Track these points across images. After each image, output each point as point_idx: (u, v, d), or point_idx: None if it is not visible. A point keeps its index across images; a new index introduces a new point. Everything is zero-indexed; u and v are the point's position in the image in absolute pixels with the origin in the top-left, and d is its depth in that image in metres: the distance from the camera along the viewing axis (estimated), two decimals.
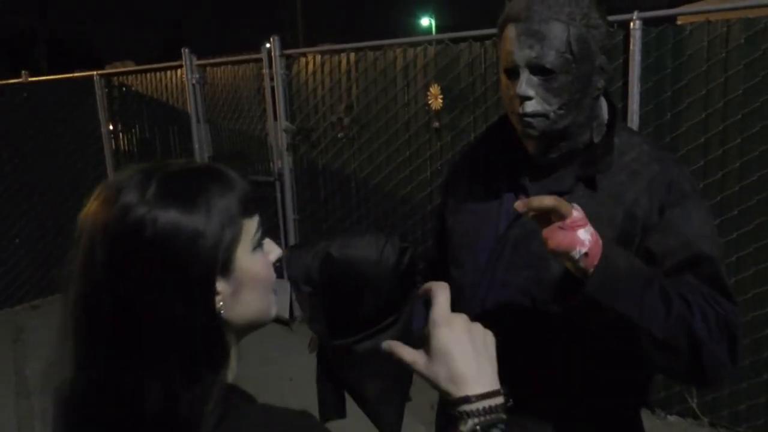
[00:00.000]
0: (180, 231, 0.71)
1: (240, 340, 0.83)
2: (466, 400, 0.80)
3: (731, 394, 3.15)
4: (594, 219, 1.18)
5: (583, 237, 1.03)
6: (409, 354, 0.84)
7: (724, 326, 1.11)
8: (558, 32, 1.17)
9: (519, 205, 1.04)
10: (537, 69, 1.19)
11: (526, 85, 1.20)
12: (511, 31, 1.21)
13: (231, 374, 0.80)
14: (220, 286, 0.75)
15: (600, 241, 1.05)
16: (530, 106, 1.21)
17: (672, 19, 3.58)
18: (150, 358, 0.71)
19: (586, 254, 1.03)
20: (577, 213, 1.04)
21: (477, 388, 0.81)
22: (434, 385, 0.83)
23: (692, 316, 1.09)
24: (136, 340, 0.71)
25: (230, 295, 0.76)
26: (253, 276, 0.79)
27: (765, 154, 2.91)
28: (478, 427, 0.78)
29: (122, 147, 6.18)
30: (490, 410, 0.80)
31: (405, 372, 1.46)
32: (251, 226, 0.80)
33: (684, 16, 3.68)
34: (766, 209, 2.95)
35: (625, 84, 3.16)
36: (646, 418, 1.61)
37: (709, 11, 3.18)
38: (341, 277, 1.32)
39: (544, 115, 1.21)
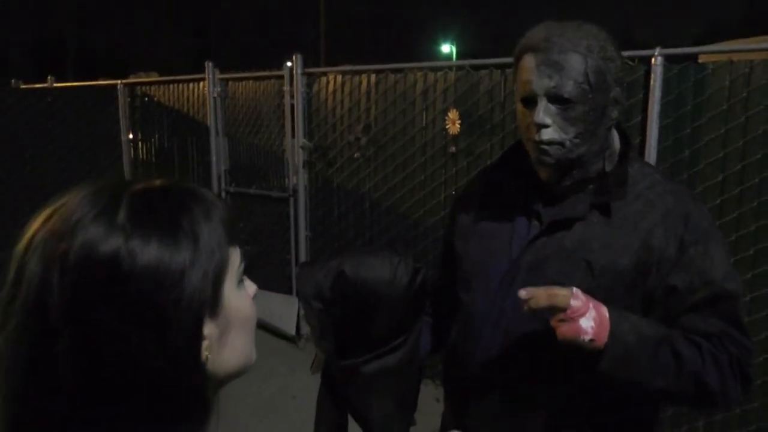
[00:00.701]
0: (164, 267, 0.59)
1: (216, 394, 0.69)
2: None
3: (741, 415, 3.09)
4: (609, 245, 1.23)
5: (585, 325, 1.12)
6: None
7: (737, 367, 1.19)
8: (576, 63, 1.20)
9: (522, 293, 1.14)
10: (555, 98, 1.21)
11: (544, 113, 1.22)
12: (529, 60, 1.23)
13: None
14: (208, 329, 0.63)
15: (605, 319, 1.14)
16: (547, 134, 1.23)
17: (694, 57, 3.59)
18: (117, 426, 0.58)
19: (591, 340, 1.13)
20: (575, 302, 1.12)
21: None
22: None
23: (703, 366, 1.18)
24: (101, 406, 0.57)
25: (217, 339, 0.64)
26: (242, 315, 0.68)
27: None
28: None
29: (141, 156, 6.25)
30: None
31: (411, 395, 1.45)
32: (236, 256, 0.68)
33: (706, 54, 3.68)
34: None
35: (644, 119, 3.16)
36: None
37: (732, 51, 3.18)
38: (353, 295, 1.32)
39: (560, 143, 1.23)
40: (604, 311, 1.15)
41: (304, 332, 4.94)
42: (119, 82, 6.13)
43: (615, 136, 1.34)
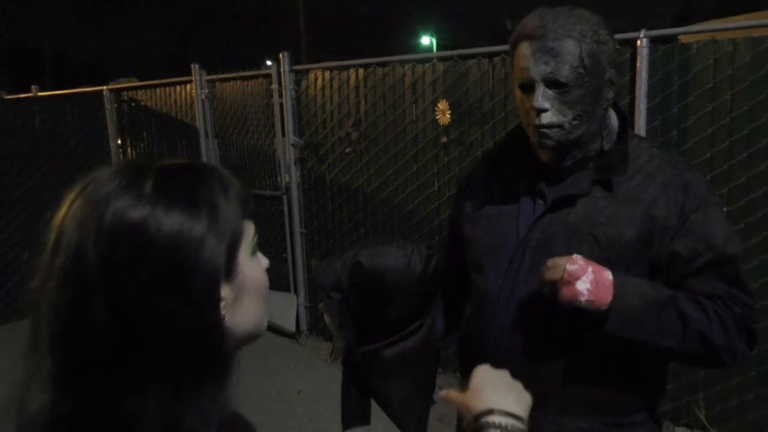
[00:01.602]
0: (186, 234, 0.65)
1: (235, 355, 0.74)
2: (490, 411, 0.87)
3: (740, 405, 3.18)
4: (613, 218, 1.28)
5: (581, 288, 1.19)
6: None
7: (741, 324, 1.25)
8: (571, 48, 1.25)
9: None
10: (552, 83, 1.26)
11: (542, 98, 1.27)
12: (525, 48, 1.28)
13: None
14: (224, 291, 0.69)
15: (607, 281, 1.20)
16: (546, 118, 1.27)
17: (676, 38, 3.65)
18: (148, 373, 0.63)
19: (589, 301, 1.19)
20: (571, 266, 1.19)
21: (502, 406, 0.88)
22: (467, 413, 0.90)
23: (710, 325, 1.23)
24: (133, 353, 0.63)
25: (232, 301, 0.71)
26: (254, 282, 0.75)
27: None
28: None
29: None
30: (512, 428, 0.86)
31: (429, 376, 1.50)
32: (250, 229, 0.75)
33: (687, 35, 3.74)
34: None
35: (632, 100, 3.21)
36: None
37: (714, 30, 3.24)
38: (370, 284, 1.36)
39: (559, 126, 1.28)
40: (607, 274, 1.21)
41: (304, 328, 4.97)
42: (105, 87, 6.11)
43: (612, 115, 1.39)
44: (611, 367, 1.30)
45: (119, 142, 6.18)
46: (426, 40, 30.54)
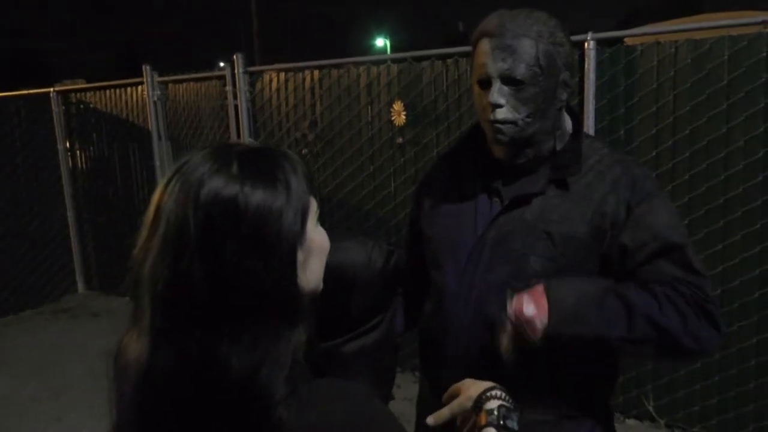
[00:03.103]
0: (268, 207, 0.76)
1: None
2: (493, 387, 1.04)
3: (685, 396, 3.30)
4: (567, 216, 1.32)
5: (530, 313, 1.24)
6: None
7: (695, 305, 1.25)
8: (528, 47, 1.29)
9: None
10: (508, 80, 1.30)
11: (498, 94, 1.31)
12: (485, 45, 1.32)
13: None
14: (298, 255, 0.80)
15: (538, 290, 1.25)
16: (501, 114, 1.32)
17: (621, 40, 3.77)
18: (238, 326, 0.74)
19: (540, 317, 1.24)
20: (511, 307, 1.26)
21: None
22: (470, 395, 1.08)
23: (659, 309, 1.24)
24: (227, 307, 0.73)
25: (302, 263, 0.81)
26: (319, 246, 0.86)
27: (712, 166, 3.09)
28: (501, 409, 0.99)
29: (79, 165, 6.09)
30: (511, 404, 1.02)
31: (389, 373, 1.52)
32: (314, 203, 0.85)
33: (632, 37, 3.87)
34: (714, 219, 3.12)
35: (581, 101, 3.31)
36: None
37: (658, 33, 3.36)
38: (331, 279, 1.37)
39: (513, 122, 1.32)
40: (539, 288, 1.26)
41: None
42: (51, 89, 5.95)
43: (566, 117, 1.44)
44: (565, 362, 1.33)
45: (68, 145, 6.03)
46: (380, 41, 30.66)
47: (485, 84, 1.33)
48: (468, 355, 1.40)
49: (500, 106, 1.31)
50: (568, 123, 1.44)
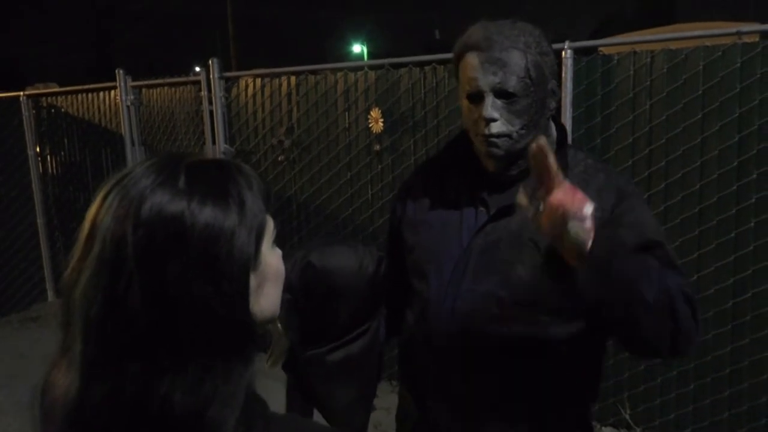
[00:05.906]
0: (219, 226, 0.69)
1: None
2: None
3: (661, 404, 3.31)
4: None
5: (589, 225, 1.06)
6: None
7: (680, 294, 1.17)
8: (517, 59, 1.28)
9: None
10: (501, 93, 1.28)
11: (492, 108, 1.29)
12: (472, 59, 1.29)
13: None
14: (252, 280, 0.73)
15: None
16: (496, 128, 1.30)
17: (597, 49, 3.79)
18: (180, 358, 0.66)
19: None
20: (588, 208, 1.08)
21: None
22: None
23: (667, 283, 1.14)
24: (167, 338, 0.66)
25: (255, 289, 0.74)
26: (275, 270, 0.79)
27: (687, 175, 3.12)
28: None
29: (50, 170, 5.96)
30: None
31: (372, 382, 1.49)
32: (270, 222, 0.78)
33: (609, 46, 3.90)
34: (690, 228, 3.15)
35: (558, 110, 3.31)
36: None
37: (634, 42, 3.39)
38: (320, 285, 1.34)
39: (507, 135, 1.30)
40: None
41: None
42: (21, 93, 5.82)
43: (552, 125, 1.43)
44: (547, 375, 1.32)
45: (38, 150, 5.90)
46: (357, 48, 30.68)
47: (475, 98, 1.31)
48: (450, 366, 1.37)
49: (495, 120, 1.29)
50: (554, 131, 1.43)
